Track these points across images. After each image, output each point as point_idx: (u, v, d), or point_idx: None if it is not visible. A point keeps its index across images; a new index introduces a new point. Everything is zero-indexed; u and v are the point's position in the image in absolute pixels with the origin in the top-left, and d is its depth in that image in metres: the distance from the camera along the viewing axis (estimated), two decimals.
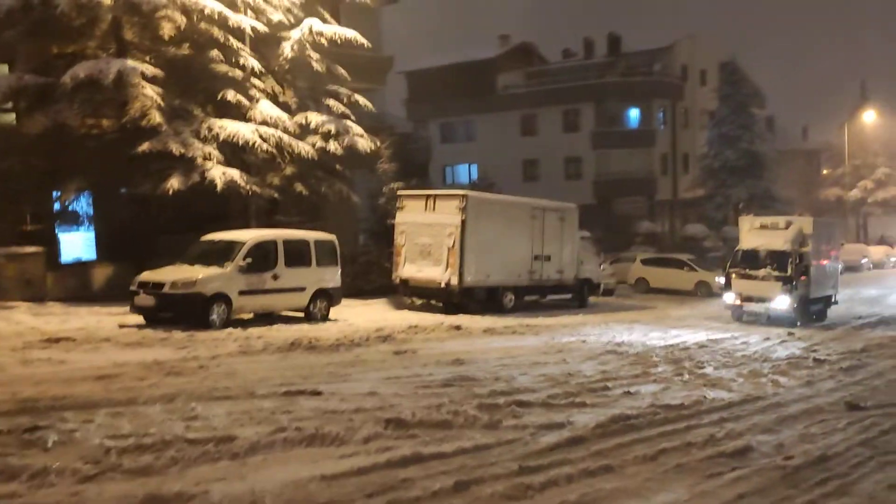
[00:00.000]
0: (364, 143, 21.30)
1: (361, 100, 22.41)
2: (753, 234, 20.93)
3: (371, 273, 22.89)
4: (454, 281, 19.15)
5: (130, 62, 17.54)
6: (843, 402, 10.19)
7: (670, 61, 49.28)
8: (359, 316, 17.98)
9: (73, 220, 19.78)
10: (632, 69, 48.35)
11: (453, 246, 19.18)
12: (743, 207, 38.45)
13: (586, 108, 46.71)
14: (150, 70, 17.68)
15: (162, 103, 17.80)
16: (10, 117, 19.18)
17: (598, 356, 13.24)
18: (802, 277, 19.54)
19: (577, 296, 23.36)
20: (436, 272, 19.37)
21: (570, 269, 22.75)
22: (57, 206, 18.97)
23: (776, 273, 19.43)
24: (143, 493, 5.49)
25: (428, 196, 20.46)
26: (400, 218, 20.48)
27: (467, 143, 49.99)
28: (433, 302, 20.14)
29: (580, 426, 8.22)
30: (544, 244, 21.79)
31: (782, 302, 19.25)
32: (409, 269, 19.97)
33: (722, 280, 21.91)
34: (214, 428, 7.28)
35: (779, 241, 19.98)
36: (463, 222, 19.12)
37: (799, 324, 19.22)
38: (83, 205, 19.87)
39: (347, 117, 21.86)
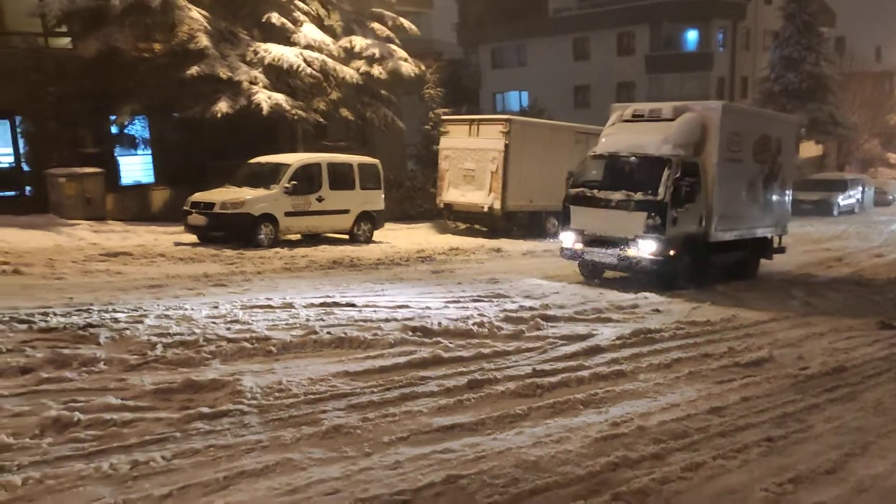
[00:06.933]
0: (408, 67, 21.30)
1: (406, 23, 22.31)
2: (618, 130, 12.93)
3: (417, 198, 23.31)
4: (497, 205, 19.37)
5: None
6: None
7: None
8: (402, 239, 18.45)
9: (130, 143, 20.39)
10: None
11: (496, 171, 19.31)
12: (804, 133, 37.01)
13: (641, 30, 45.32)
14: None
15: (209, 27, 18.08)
16: (65, 41, 19.68)
17: None
18: (687, 205, 11.95)
19: None
20: (479, 196, 19.60)
21: None
22: (114, 129, 19.57)
23: (639, 196, 11.97)
24: (182, 380, 6.06)
25: (472, 121, 20.51)
26: (444, 143, 20.64)
27: (518, 69, 49.25)
28: (476, 226, 20.44)
29: (601, 338, 8.53)
30: None
31: (647, 247, 11.89)
32: (452, 194, 20.25)
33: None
34: (253, 331, 7.81)
35: (653, 139, 12.15)
36: (506, 147, 19.19)
37: (674, 288, 12.00)
38: (139, 128, 20.49)
39: (392, 41, 21.84)
